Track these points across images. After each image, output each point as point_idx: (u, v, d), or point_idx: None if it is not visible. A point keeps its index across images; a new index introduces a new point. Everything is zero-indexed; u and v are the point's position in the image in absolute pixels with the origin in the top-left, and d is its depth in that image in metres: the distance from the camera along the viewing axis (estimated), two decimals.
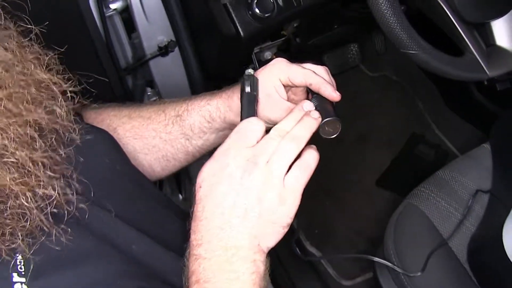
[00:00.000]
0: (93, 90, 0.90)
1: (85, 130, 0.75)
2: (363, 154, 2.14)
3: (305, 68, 0.81)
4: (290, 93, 0.85)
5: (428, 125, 2.19)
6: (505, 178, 1.31)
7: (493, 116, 1.89)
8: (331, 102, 0.79)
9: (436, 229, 1.29)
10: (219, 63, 1.51)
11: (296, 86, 0.82)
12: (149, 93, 1.70)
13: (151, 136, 0.94)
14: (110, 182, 0.79)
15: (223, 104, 0.87)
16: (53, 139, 0.67)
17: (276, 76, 0.81)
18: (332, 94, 0.78)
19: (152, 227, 0.81)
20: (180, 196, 1.98)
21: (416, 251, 1.27)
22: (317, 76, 0.79)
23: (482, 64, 1.10)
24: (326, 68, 0.84)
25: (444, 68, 1.07)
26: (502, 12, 1.11)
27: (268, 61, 1.10)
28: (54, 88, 0.69)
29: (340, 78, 2.17)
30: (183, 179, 1.94)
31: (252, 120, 0.71)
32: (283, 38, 1.51)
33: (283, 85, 0.82)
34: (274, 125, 0.72)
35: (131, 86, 1.56)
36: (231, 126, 0.84)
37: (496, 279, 1.21)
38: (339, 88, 0.80)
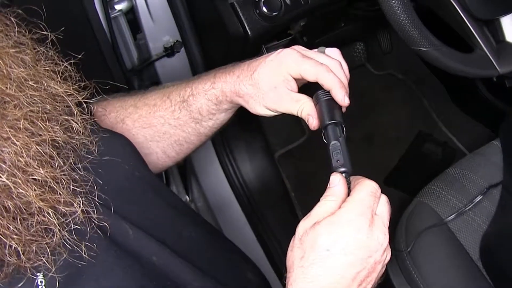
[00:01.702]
0: (104, 95, 0.90)
1: (102, 137, 0.74)
2: (370, 153, 2.13)
3: (318, 64, 0.78)
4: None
5: (435, 123, 2.17)
6: None
7: (501, 113, 1.88)
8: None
9: (447, 227, 1.28)
10: (225, 63, 1.50)
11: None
12: None
13: (159, 123, 0.92)
14: (130, 191, 0.79)
15: (229, 88, 0.85)
16: (71, 156, 0.66)
17: (286, 69, 0.79)
18: (342, 100, 0.78)
19: (170, 236, 0.80)
20: (187, 198, 1.97)
21: (429, 249, 1.26)
22: (330, 76, 0.77)
23: (493, 60, 1.09)
24: (340, 57, 0.83)
25: (454, 65, 1.06)
26: (511, 8, 1.10)
27: None
28: (69, 102, 0.68)
29: None
30: (189, 179, 1.94)
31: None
32: (289, 37, 1.50)
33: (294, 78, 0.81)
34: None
35: (137, 87, 1.55)
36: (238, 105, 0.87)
37: (510, 277, 1.20)
38: None
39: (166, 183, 1.91)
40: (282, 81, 0.80)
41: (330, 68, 0.78)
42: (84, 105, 0.72)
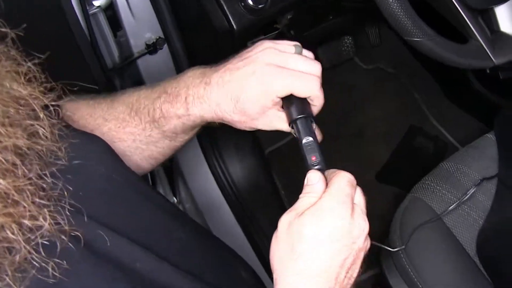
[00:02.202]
0: (72, 97, 0.84)
1: (72, 142, 0.68)
2: (361, 148, 2.09)
3: (307, 80, 0.75)
4: None
5: (426, 117, 2.14)
6: None
7: (493, 106, 1.85)
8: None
9: (443, 222, 1.24)
10: (211, 61, 1.45)
11: None
12: None
13: (130, 139, 0.87)
14: (109, 195, 0.73)
15: (210, 116, 0.79)
16: (36, 163, 0.60)
17: (274, 93, 0.75)
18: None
19: (157, 240, 0.75)
20: (175, 199, 1.93)
21: (424, 245, 1.22)
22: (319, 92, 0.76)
23: (488, 51, 1.06)
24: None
25: (449, 55, 1.03)
26: None
27: None
28: (35, 106, 0.62)
29: (334, 72, 2.16)
30: (176, 180, 1.89)
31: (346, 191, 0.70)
32: (276, 32, 1.46)
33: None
34: None
35: (119, 87, 1.50)
36: None
37: (508, 273, 1.17)
38: (333, 82, 0.76)
39: (152, 185, 1.87)
40: (272, 105, 0.76)
41: (317, 77, 0.76)
42: (51, 108, 0.66)
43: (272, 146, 2.09)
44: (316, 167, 0.72)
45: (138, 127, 0.85)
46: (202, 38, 1.43)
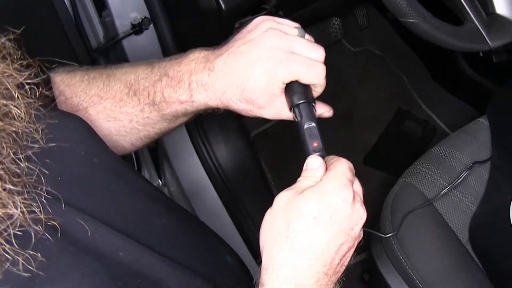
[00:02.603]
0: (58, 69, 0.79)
1: (50, 123, 0.63)
2: (348, 132, 2.07)
3: (315, 66, 0.71)
4: None
5: (414, 100, 2.12)
6: (507, 153, 1.24)
7: (483, 90, 1.84)
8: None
9: (434, 208, 1.22)
10: (198, 41, 1.42)
11: None
12: None
13: (126, 120, 0.82)
14: (88, 180, 0.68)
15: (215, 103, 0.76)
16: (9, 146, 0.55)
17: (281, 79, 0.71)
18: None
19: (139, 226, 0.72)
20: (160, 182, 1.90)
21: (416, 231, 1.20)
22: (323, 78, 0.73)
23: (484, 33, 1.05)
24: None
25: (445, 38, 1.01)
26: None
27: None
28: (7, 84, 0.57)
29: None
30: (162, 162, 1.86)
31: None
32: (264, 12, 1.42)
33: None
34: None
35: None
36: None
37: (501, 261, 1.15)
38: None
39: (137, 167, 1.84)
40: (279, 93, 0.73)
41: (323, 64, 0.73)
42: (27, 87, 0.61)
43: (257, 129, 2.06)
44: (317, 153, 0.70)
45: (135, 108, 0.81)
46: (189, 18, 1.40)
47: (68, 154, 0.67)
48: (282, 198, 0.67)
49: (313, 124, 0.71)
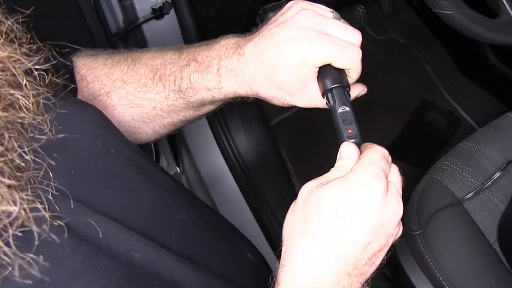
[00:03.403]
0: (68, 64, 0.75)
1: (60, 113, 0.59)
2: (370, 122, 2.01)
3: (350, 48, 0.67)
4: None
5: (439, 91, 2.07)
6: None
7: (510, 83, 1.78)
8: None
9: (463, 207, 1.18)
10: (219, 27, 1.39)
11: None
12: None
13: (150, 106, 0.79)
14: (103, 173, 0.64)
15: (244, 90, 0.72)
16: (15, 138, 0.51)
17: (313, 63, 0.66)
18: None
19: (157, 222, 0.68)
20: (178, 169, 1.87)
21: (443, 230, 1.16)
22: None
23: None
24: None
25: (480, 30, 0.97)
26: None
27: None
28: (14, 70, 0.53)
29: None
30: (180, 150, 1.83)
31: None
32: None
33: None
34: None
35: None
36: None
37: None
38: None
39: (155, 154, 1.81)
40: (312, 78, 0.68)
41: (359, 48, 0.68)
42: (36, 73, 0.57)
43: (278, 117, 2.02)
44: (352, 140, 0.65)
45: (160, 94, 0.77)
46: (211, 3, 1.36)
47: (80, 147, 0.63)
48: (306, 189, 0.62)
49: (348, 108, 0.66)
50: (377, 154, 0.62)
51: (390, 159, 0.64)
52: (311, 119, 1.94)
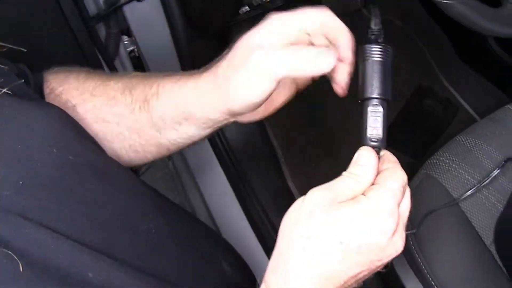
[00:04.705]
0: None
1: (18, 110, 0.55)
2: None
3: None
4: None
5: (436, 77, 1.99)
6: None
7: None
8: None
9: (459, 207, 1.12)
10: (204, 7, 1.32)
11: None
12: (125, 42, 1.51)
13: (114, 122, 0.73)
14: (58, 183, 0.59)
15: (212, 99, 0.66)
16: None
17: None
18: None
19: (119, 239, 0.62)
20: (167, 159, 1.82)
21: (437, 231, 1.11)
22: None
23: None
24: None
25: (483, 22, 0.90)
26: None
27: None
28: None
29: None
30: None
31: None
32: None
33: None
34: None
35: (104, 37, 1.36)
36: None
37: None
38: None
39: None
40: None
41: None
42: None
43: None
44: (374, 143, 0.61)
45: (127, 108, 0.72)
46: None
47: (35, 154, 0.57)
48: (314, 200, 0.58)
49: (382, 109, 0.64)
50: (398, 184, 0.59)
51: (407, 186, 0.62)
52: (301, 108, 1.87)
